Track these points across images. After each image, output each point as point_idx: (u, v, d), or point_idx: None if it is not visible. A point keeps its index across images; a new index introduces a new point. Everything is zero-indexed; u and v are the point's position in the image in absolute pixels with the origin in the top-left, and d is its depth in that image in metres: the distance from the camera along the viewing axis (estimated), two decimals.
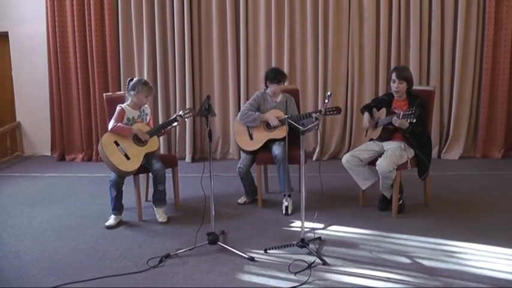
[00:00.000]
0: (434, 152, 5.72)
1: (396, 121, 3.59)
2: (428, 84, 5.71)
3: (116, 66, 6.03)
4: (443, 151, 5.84)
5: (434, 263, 3.00)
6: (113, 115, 3.79)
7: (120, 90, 5.88)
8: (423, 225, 3.60)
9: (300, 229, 3.23)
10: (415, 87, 3.93)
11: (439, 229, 3.51)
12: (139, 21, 5.90)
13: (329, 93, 3.38)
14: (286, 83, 4.41)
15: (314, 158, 5.93)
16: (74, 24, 5.96)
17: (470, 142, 5.86)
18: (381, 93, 5.58)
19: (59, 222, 3.88)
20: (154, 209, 3.88)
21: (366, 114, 3.97)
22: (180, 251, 3.19)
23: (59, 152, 6.24)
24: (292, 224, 3.71)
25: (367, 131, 4.05)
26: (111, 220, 3.75)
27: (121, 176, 3.71)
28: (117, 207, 3.77)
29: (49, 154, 6.36)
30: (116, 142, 3.70)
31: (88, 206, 4.27)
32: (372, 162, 3.79)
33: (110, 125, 3.73)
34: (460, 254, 3.11)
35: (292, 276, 2.87)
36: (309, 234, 3.39)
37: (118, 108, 3.81)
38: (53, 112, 6.20)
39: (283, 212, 3.91)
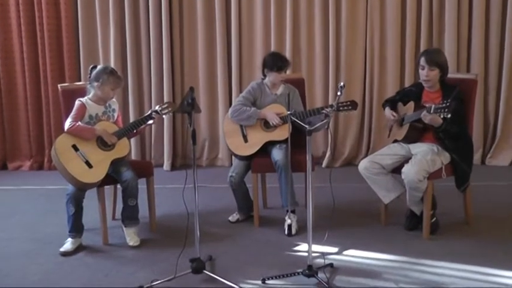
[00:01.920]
0: (477, 156, 5.78)
1: (426, 117, 3.61)
2: (468, 71, 5.77)
3: (74, 50, 6.05)
4: (489, 156, 5.90)
5: None
6: (70, 112, 3.80)
7: (79, 81, 5.90)
8: (463, 249, 3.63)
9: (306, 254, 3.25)
10: (451, 75, 3.96)
11: (484, 254, 3.53)
12: None
13: (342, 83, 3.41)
14: (288, 71, 4.47)
15: (324, 165, 5.97)
16: None
17: None
18: (407, 84, 5.65)
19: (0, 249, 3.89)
20: (124, 229, 3.90)
21: (388, 110, 4.02)
22: (157, 282, 3.20)
23: None
24: (296, 248, 3.74)
25: (390, 131, 4.10)
26: (68, 244, 3.76)
27: (81, 188, 3.72)
28: (76, 228, 3.79)
29: None
30: (74, 146, 3.71)
31: (38, 228, 4.27)
32: (397, 170, 3.82)
33: (67, 124, 3.74)
34: None
35: None
36: (318, 261, 3.42)
37: (77, 103, 3.82)
38: None
39: (286, 232, 3.94)
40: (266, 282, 3.24)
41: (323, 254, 3.55)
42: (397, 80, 5.86)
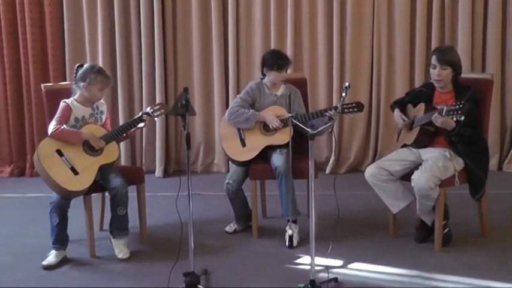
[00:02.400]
0: (493, 162, 5.78)
1: (438, 119, 3.60)
2: (483, 71, 5.79)
3: (59, 47, 6.06)
4: (506, 161, 5.91)
5: None
6: (54, 114, 3.80)
7: (64, 80, 5.91)
8: (478, 262, 3.62)
9: (309, 267, 3.25)
10: (465, 75, 3.97)
11: (501, 268, 3.52)
12: None
13: (347, 84, 3.40)
14: (289, 71, 4.47)
15: (328, 171, 5.97)
16: None
17: None
18: (417, 84, 5.65)
19: None
20: (112, 241, 3.89)
21: (397, 112, 4.03)
22: None
23: None
24: (298, 260, 3.74)
25: (399, 135, 4.10)
26: (52, 257, 3.75)
27: (66, 196, 3.71)
28: (60, 240, 3.77)
29: None
30: (58, 151, 3.71)
31: (18, 239, 4.26)
32: (406, 177, 3.82)
33: (51, 127, 3.74)
34: None
35: None
36: (321, 275, 3.41)
37: (62, 104, 3.82)
38: None
39: (287, 243, 3.94)
40: None
41: (327, 268, 3.53)
42: (407, 80, 5.87)
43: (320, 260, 3.57)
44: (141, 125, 3.92)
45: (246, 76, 5.92)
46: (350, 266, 3.65)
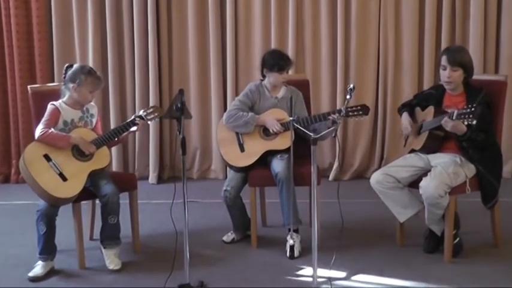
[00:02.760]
0: (507, 169, 5.79)
1: (448, 123, 3.61)
2: (496, 72, 5.80)
3: (47, 46, 6.07)
4: None
5: None
6: (41, 117, 3.80)
7: (52, 81, 5.90)
8: (491, 274, 3.62)
9: (311, 279, 3.27)
10: (477, 76, 3.98)
11: None
12: None
13: (352, 85, 3.43)
14: (291, 72, 4.49)
15: (331, 178, 5.99)
16: None
17: None
18: (426, 86, 5.66)
19: None
20: (103, 251, 3.89)
21: (406, 115, 4.03)
22: None
23: None
24: (299, 272, 3.74)
25: (406, 139, 4.12)
26: (38, 268, 3.74)
27: (54, 204, 3.70)
28: (48, 250, 3.77)
29: None
30: (46, 156, 3.71)
31: (2, 249, 4.25)
32: (414, 184, 3.83)
33: (38, 130, 3.74)
34: None
35: None
36: (324, 287, 3.43)
37: (50, 106, 3.82)
38: None
39: (288, 254, 3.94)
40: None
41: (330, 280, 3.54)
42: (415, 82, 5.88)
43: (323, 272, 3.58)
44: (134, 128, 3.92)
45: (245, 77, 5.93)
46: (354, 278, 3.65)
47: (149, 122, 3.98)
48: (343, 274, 3.69)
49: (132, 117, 3.95)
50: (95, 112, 4.02)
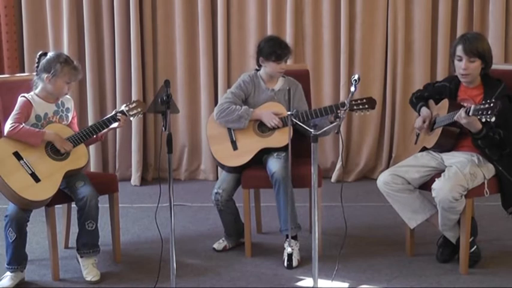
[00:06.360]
0: None
1: (462, 118, 3.58)
2: None
3: (15, 32, 6.04)
4: None
5: None
6: (10, 111, 3.79)
7: (23, 71, 5.91)
8: None
9: None
10: (496, 66, 3.97)
11: None
12: None
13: (356, 76, 3.41)
14: (289, 61, 4.48)
15: (333, 179, 6.00)
16: None
17: None
18: (440, 77, 5.65)
19: None
20: (80, 260, 3.87)
21: (426, 111, 3.96)
22: None
23: None
24: (298, 283, 3.73)
25: (417, 136, 4.12)
26: (7, 280, 3.73)
27: (25, 208, 3.69)
28: (17, 259, 3.74)
29: None
30: (16, 154, 3.69)
31: None
32: (426, 186, 3.83)
33: (7, 126, 3.72)
34: None
35: None
36: None
37: (21, 99, 3.81)
38: None
39: (285, 263, 3.93)
40: None
41: None
42: (427, 72, 5.88)
43: (324, 283, 3.58)
44: (115, 125, 3.92)
45: (238, 67, 5.93)
46: None
47: (131, 118, 3.97)
48: (346, 285, 3.68)
49: (113, 112, 3.94)
50: (70, 106, 4.01)
